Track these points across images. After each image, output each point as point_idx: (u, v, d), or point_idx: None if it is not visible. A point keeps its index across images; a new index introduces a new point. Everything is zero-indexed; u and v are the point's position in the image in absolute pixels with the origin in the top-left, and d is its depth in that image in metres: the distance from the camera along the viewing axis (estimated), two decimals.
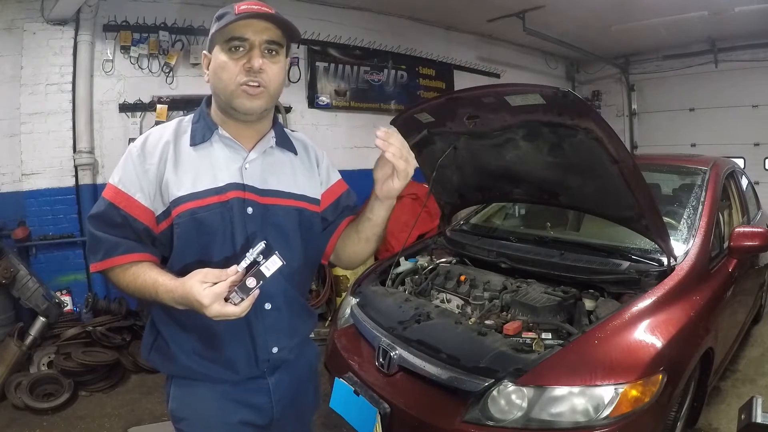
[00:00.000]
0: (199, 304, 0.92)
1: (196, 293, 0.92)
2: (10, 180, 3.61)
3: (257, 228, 1.09)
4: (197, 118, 1.14)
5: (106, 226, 1.05)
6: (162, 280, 1.01)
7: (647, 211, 1.84)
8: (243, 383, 1.14)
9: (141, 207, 1.05)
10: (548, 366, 1.56)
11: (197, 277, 0.94)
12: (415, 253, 2.75)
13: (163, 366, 1.17)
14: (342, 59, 5.15)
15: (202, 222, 1.05)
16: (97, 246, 1.06)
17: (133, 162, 1.07)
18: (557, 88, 1.67)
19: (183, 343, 1.11)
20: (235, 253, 1.06)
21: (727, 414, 2.49)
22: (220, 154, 1.10)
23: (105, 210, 1.06)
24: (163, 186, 1.06)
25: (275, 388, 1.17)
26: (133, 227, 1.05)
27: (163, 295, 1.00)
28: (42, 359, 3.13)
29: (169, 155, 1.07)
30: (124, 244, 1.05)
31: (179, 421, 1.15)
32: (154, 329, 1.16)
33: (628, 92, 7.93)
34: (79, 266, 3.74)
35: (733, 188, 2.98)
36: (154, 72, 4.03)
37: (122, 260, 1.04)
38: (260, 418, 1.16)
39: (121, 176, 1.07)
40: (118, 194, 1.05)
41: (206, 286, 0.93)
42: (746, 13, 5.10)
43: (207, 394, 1.13)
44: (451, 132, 2.22)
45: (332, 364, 2.19)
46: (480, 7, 5.26)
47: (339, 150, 5.15)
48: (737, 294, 2.41)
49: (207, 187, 1.06)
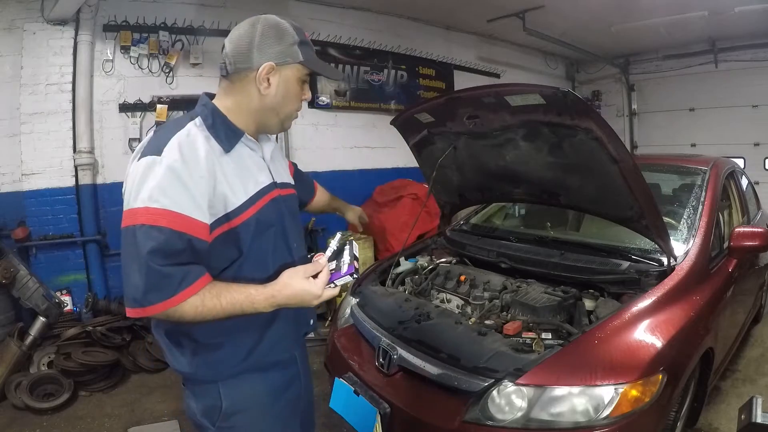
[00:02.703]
0: (312, 296, 1.06)
1: (309, 288, 1.05)
2: (10, 180, 3.61)
3: (287, 218, 1.21)
4: (211, 122, 1.09)
5: (168, 257, 0.96)
6: (254, 291, 1.04)
7: (647, 211, 1.84)
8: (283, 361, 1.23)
9: (201, 225, 1.01)
10: (548, 366, 1.56)
11: (300, 275, 1.06)
12: (415, 253, 2.75)
13: (214, 374, 1.14)
14: (342, 59, 5.15)
15: (264, 223, 1.13)
16: (163, 282, 0.95)
17: (180, 178, 0.98)
18: (557, 88, 1.67)
19: (236, 345, 1.14)
20: (288, 247, 1.20)
21: (727, 414, 2.49)
22: (248, 157, 1.15)
23: (167, 239, 0.95)
24: (216, 197, 1.04)
25: (301, 358, 1.30)
26: (196, 248, 1.00)
27: (260, 303, 1.04)
28: (42, 359, 3.13)
29: (215, 165, 1.05)
30: (192, 270, 0.98)
31: (230, 417, 1.15)
32: (188, 342, 1.12)
33: (628, 92, 7.94)
34: (79, 266, 3.74)
35: (733, 188, 2.98)
36: (154, 72, 4.03)
37: (197, 287, 0.98)
38: (296, 391, 1.28)
39: (171, 197, 0.97)
40: (175, 218, 0.96)
41: (311, 280, 1.06)
42: (746, 13, 5.11)
43: (256, 383, 1.18)
44: (451, 132, 2.22)
45: (332, 364, 2.19)
46: (480, 7, 5.26)
47: (339, 150, 5.16)
48: (737, 294, 2.41)
49: (257, 190, 1.13)
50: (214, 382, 1.15)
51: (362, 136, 5.40)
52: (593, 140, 1.74)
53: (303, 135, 4.86)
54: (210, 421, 1.16)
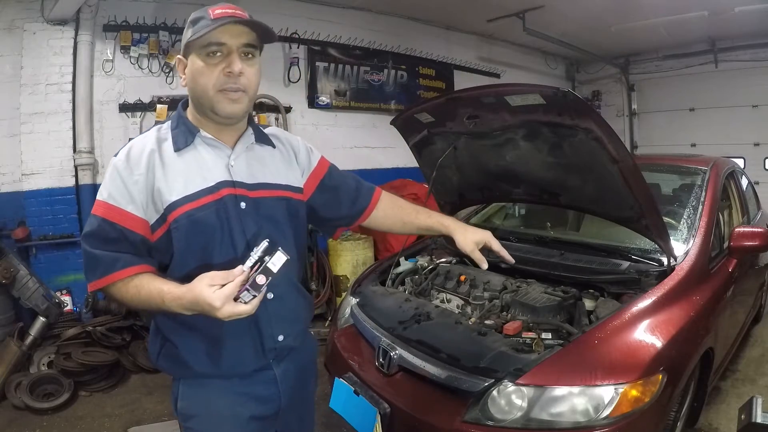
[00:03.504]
0: (210, 307, 0.93)
1: (206, 297, 0.93)
2: (10, 180, 3.61)
3: (252, 222, 1.11)
4: (176, 124, 1.14)
5: (101, 243, 1.04)
6: (167, 288, 1.00)
7: (647, 211, 1.84)
8: (251, 376, 1.16)
9: (134, 218, 1.05)
10: (548, 366, 1.56)
11: (204, 281, 0.95)
12: (415, 253, 2.75)
13: (174, 370, 1.17)
14: (342, 59, 5.15)
15: (199, 222, 1.06)
16: (94, 264, 1.04)
17: (120, 175, 1.05)
18: (557, 88, 1.67)
19: (191, 346, 1.12)
20: (235, 250, 1.08)
21: (727, 414, 2.49)
22: (206, 155, 1.11)
23: (98, 227, 1.04)
24: (155, 194, 1.05)
25: (282, 378, 1.20)
26: (129, 240, 1.05)
27: (170, 303, 0.99)
28: (42, 359, 3.13)
29: (156, 163, 1.07)
30: (122, 258, 1.04)
31: (188, 419, 1.16)
32: (159, 336, 1.17)
33: (628, 92, 7.94)
34: (79, 266, 3.64)
35: (733, 188, 2.98)
36: (154, 72, 4.03)
37: (122, 275, 1.03)
38: (268, 410, 1.19)
39: (110, 191, 1.05)
40: (110, 209, 1.04)
41: (215, 289, 0.94)
42: (746, 13, 5.11)
43: (216, 390, 1.15)
44: (451, 132, 2.22)
45: (332, 364, 2.19)
46: (480, 7, 5.26)
47: (339, 150, 5.15)
48: (737, 294, 2.41)
49: (199, 188, 1.07)
50: (176, 379, 1.18)
51: (362, 136, 5.40)
52: (593, 140, 1.74)
53: (303, 135, 4.74)
54: (179, 417, 1.18)
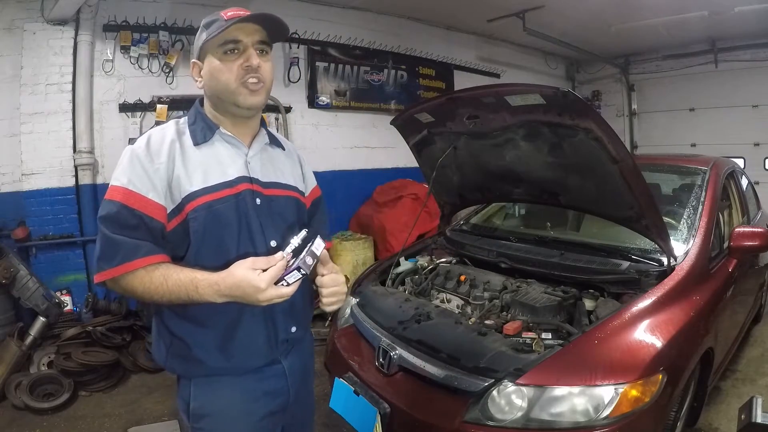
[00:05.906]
0: (254, 290, 0.96)
1: (251, 279, 0.97)
2: (10, 180, 3.61)
3: (267, 218, 1.14)
4: (193, 120, 1.16)
5: (121, 229, 1.02)
6: (201, 275, 1.01)
7: (647, 211, 1.84)
8: (261, 371, 1.17)
9: (155, 205, 1.04)
10: (548, 366, 1.56)
11: (245, 265, 0.99)
12: (415, 253, 2.75)
13: (185, 369, 1.16)
14: (342, 59, 5.15)
15: (218, 214, 1.08)
16: (113, 249, 1.01)
17: (140, 162, 1.05)
18: (557, 88, 1.67)
19: (202, 341, 1.11)
20: (253, 245, 1.11)
21: (727, 414, 2.49)
22: (224, 151, 1.15)
23: (118, 212, 1.02)
24: (173, 183, 1.06)
25: (290, 371, 1.22)
26: (150, 227, 1.04)
27: (205, 290, 0.99)
28: (42, 359, 3.13)
29: (177, 153, 1.09)
30: (143, 245, 1.02)
31: (200, 419, 1.15)
32: (166, 334, 1.15)
33: (628, 92, 7.94)
34: (79, 266, 3.74)
35: (733, 188, 2.98)
36: (154, 72, 4.03)
37: (145, 262, 1.01)
38: (279, 404, 1.21)
39: (129, 177, 1.04)
40: (130, 195, 1.03)
41: (258, 272, 0.97)
42: (746, 13, 5.10)
43: (229, 387, 1.15)
44: (451, 132, 2.22)
45: (332, 364, 2.19)
46: (480, 7, 5.26)
47: (339, 150, 5.15)
48: (737, 294, 2.41)
49: (218, 181, 1.10)
50: (187, 379, 1.17)
51: (362, 136, 5.40)
52: (593, 140, 1.74)
53: (303, 135, 4.86)
54: (187, 419, 1.17)
